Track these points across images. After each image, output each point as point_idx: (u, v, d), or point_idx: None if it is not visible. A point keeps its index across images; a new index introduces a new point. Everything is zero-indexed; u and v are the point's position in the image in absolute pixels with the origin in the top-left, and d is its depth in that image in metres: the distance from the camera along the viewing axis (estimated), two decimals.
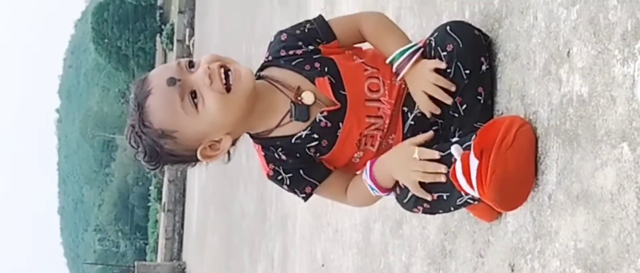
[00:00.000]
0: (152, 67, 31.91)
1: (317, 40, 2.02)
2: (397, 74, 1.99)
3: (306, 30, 2.04)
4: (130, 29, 36.46)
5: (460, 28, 1.96)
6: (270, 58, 2.05)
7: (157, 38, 29.92)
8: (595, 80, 1.54)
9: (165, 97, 1.87)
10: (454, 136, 1.96)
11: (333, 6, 3.85)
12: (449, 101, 1.93)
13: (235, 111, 1.90)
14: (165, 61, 26.77)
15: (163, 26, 28.33)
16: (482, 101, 1.96)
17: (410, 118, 2.01)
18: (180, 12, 19.41)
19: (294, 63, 2.00)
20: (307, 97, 1.97)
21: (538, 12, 1.78)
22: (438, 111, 1.95)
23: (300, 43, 2.02)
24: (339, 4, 3.73)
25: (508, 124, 1.77)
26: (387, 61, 1.99)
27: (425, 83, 1.93)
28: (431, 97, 1.94)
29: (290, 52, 2.01)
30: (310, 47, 2.01)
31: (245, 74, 1.90)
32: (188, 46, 17.89)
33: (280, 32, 2.06)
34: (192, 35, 17.52)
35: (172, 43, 21.23)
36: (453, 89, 1.92)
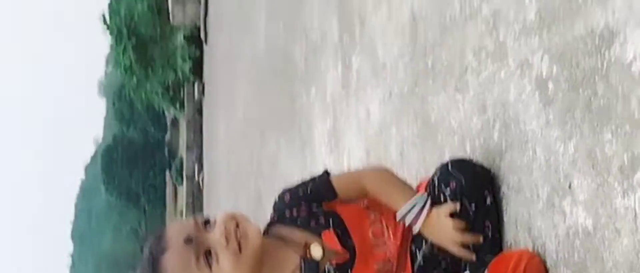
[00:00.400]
0: (163, 202, 31.93)
1: (319, 199, 2.07)
2: (410, 227, 2.00)
3: (308, 190, 2.08)
4: (140, 167, 36.68)
5: (461, 165, 1.99)
6: (275, 218, 2.09)
7: (167, 173, 30.05)
8: (598, 212, 1.56)
9: (181, 255, 1.89)
10: (465, 271, 1.96)
11: (338, 141, 3.90)
12: (480, 240, 1.94)
13: (245, 270, 1.92)
14: (175, 196, 26.77)
15: (172, 160, 28.51)
16: (489, 235, 1.97)
17: (419, 257, 2.03)
18: (188, 148, 19.53)
19: (299, 222, 2.04)
20: (316, 252, 1.99)
21: (536, 146, 1.82)
22: (473, 257, 1.95)
23: (302, 203, 2.06)
24: (343, 139, 3.78)
25: (517, 258, 1.78)
26: (398, 220, 2.00)
27: (450, 232, 1.94)
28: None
29: (294, 213, 2.06)
30: (313, 206, 2.06)
31: (253, 232, 1.93)
32: (198, 182, 17.94)
33: (284, 192, 2.10)
34: (200, 170, 17.58)
35: (181, 177, 21.27)
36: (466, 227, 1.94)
